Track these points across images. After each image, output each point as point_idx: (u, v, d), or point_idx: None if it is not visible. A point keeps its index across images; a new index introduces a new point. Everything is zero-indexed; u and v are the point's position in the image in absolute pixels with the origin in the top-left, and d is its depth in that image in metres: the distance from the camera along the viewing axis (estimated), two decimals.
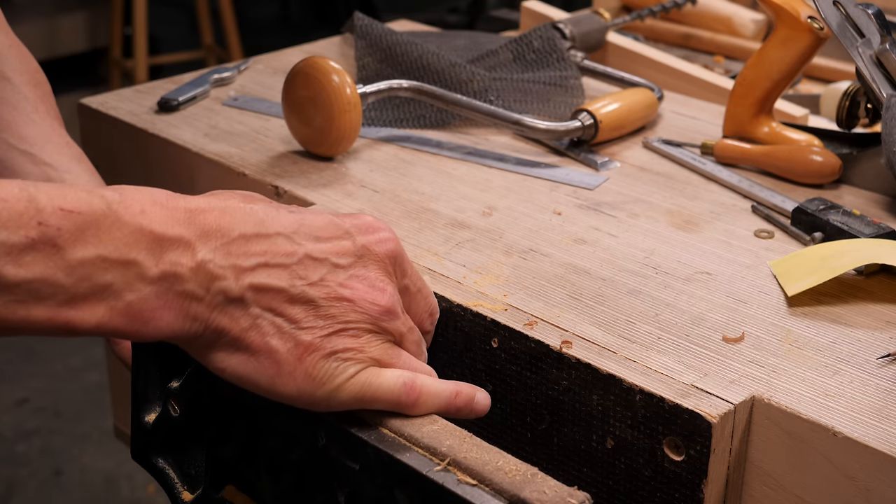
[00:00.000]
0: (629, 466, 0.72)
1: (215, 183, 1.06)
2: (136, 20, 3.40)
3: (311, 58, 1.03)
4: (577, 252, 0.88)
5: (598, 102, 1.10)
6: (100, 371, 2.62)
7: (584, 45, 1.30)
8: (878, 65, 0.98)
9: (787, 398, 0.69)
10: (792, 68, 1.04)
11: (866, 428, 0.66)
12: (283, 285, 0.62)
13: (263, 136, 1.11)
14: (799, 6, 1.02)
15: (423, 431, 0.63)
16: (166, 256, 0.59)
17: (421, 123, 1.15)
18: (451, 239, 0.90)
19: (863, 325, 0.78)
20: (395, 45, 1.22)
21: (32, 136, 0.93)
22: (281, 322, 0.62)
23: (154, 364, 0.78)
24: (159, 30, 4.27)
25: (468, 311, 0.78)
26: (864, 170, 1.01)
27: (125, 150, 1.16)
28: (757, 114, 1.07)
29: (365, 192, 0.99)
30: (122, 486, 2.30)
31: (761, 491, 0.71)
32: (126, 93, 1.22)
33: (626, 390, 0.70)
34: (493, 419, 0.79)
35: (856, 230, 0.88)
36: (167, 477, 0.78)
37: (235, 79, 1.27)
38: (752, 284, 0.83)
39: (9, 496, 2.26)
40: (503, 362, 0.77)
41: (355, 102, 1.01)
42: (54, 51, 3.90)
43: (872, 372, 0.72)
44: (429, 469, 0.60)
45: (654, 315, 0.79)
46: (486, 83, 1.17)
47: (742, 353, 0.74)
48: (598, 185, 1.01)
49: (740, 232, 0.92)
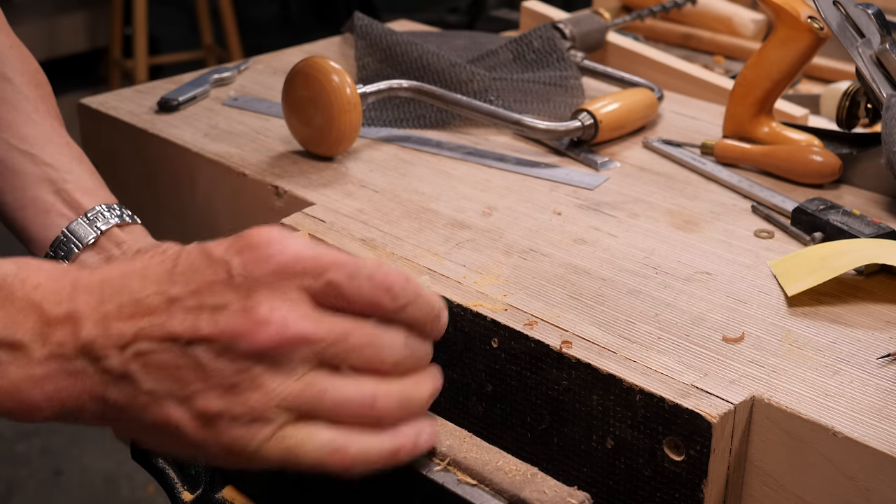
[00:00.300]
0: (629, 466, 0.72)
1: (215, 183, 1.06)
2: (136, 20, 3.40)
3: (311, 58, 1.03)
4: (577, 252, 0.88)
5: (598, 102, 1.10)
6: None
7: (584, 45, 1.30)
8: (878, 65, 0.98)
9: (787, 398, 0.69)
10: (792, 68, 1.04)
11: (866, 428, 0.66)
12: (164, 350, 0.56)
13: (263, 136, 1.11)
14: (799, 6, 1.03)
15: None
16: (53, 336, 0.56)
17: (421, 123, 1.15)
18: (451, 239, 0.90)
19: (863, 325, 0.78)
20: (395, 45, 1.22)
21: (33, 136, 0.93)
22: (176, 391, 0.56)
23: None
24: (159, 30, 4.27)
25: (468, 311, 0.78)
26: (864, 170, 1.01)
27: (125, 150, 1.16)
28: (757, 114, 1.07)
29: (365, 192, 0.99)
30: (122, 486, 2.30)
31: (761, 491, 0.71)
32: (126, 93, 1.22)
33: (626, 390, 0.70)
34: (493, 419, 0.79)
35: (856, 230, 0.88)
36: (167, 477, 0.78)
37: (235, 79, 1.27)
38: (752, 284, 0.83)
39: (9, 496, 2.26)
40: (503, 362, 0.77)
41: (355, 102, 1.01)
42: (54, 51, 3.90)
43: (872, 372, 0.72)
44: (429, 469, 0.60)
45: (654, 315, 0.79)
46: (486, 83, 1.17)
47: (742, 353, 0.74)
48: (598, 185, 1.01)
49: (740, 232, 0.92)
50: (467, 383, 0.80)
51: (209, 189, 1.07)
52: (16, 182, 0.92)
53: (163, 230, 1.08)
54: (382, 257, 0.86)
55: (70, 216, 0.91)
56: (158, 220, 1.12)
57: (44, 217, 0.92)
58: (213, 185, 1.06)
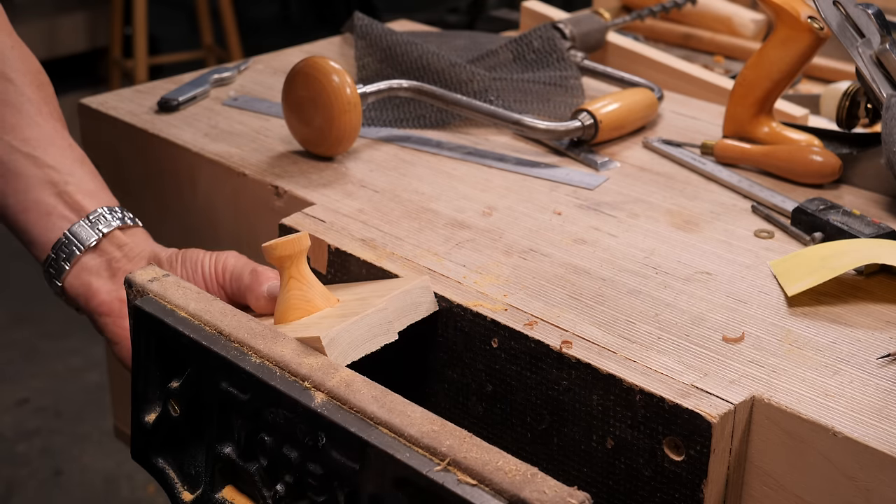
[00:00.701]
0: (629, 466, 0.72)
1: (215, 183, 1.06)
2: (136, 20, 3.40)
3: (311, 58, 1.03)
4: (577, 252, 0.88)
5: (598, 102, 1.10)
6: (100, 371, 2.62)
7: (584, 45, 1.30)
8: (878, 65, 0.98)
9: (787, 398, 0.69)
10: (792, 68, 1.04)
11: (866, 428, 0.66)
12: None
13: (263, 136, 1.11)
14: (799, 6, 1.02)
15: (423, 431, 0.63)
16: None
17: (421, 123, 1.15)
18: (451, 239, 0.90)
19: (863, 325, 0.78)
20: (395, 45, 1.22)
21: (35, 138, 0.93)
22: None
23: (154, 364, 0.78)
24: (159, 30, 4.27)
25: (468, 311, 0.78)
26: (864, 170, 1.01)
27: (125, 150, 1.16)
28: (757, 114, 1.07)
29: (365, 192, 0.99)
30: (122, 486, 2.30)
31: (761, 491, 0.71)
32: (126, 93, 1.22)
33: (626, 390, 0.70)
34: (493, 419, 0.79)
35: (856, 230, 0.88)
36: (167, 477, 0.78)
37: (235, 79, 1.27)
38: (752, 284, 0.83)
39: (9, 496, 2.27)
40: (503, 362, 0.77)
41: (355, 102, 1.01)
42: (54, 51, 3.90)
43: (872, 372, 0.72)
44: (429, 469, 0.60)
45: (654, 315, 0.79)
46: (486, 83, 1.17)
47: (742, 353, 0.74)
48: (598, 185, 1.01)
49: (740, 232, 0.92)
50: (467, 383, 0.80)
51: (209, 189, 1.07)
52: (18, 185, 0.92)
53: (163, 230, 1.08)
54: (382, 257, 0.86)
55: (72, 218, 0.91)
56: (159, 221, 1.12)
57: (45, 219, 0.92)
58: (213, 185, 1.06)
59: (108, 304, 0.91)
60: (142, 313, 0.77)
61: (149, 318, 0.76)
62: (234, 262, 0.88)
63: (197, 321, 0.74)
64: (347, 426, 0.64)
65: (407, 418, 0.64)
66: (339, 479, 0.66)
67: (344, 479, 0.65)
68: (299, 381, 0.68)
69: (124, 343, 0.90)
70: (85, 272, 0.91)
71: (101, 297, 0.91)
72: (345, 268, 0.87)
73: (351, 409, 0.65)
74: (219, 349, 0.72)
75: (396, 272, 0.84)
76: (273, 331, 0.73)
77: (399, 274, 0.84)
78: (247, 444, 0.71)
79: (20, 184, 0.92)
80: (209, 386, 0.73)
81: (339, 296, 0.80)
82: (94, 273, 0.91)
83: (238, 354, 0.71)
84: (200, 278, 0.88)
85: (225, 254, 0.89)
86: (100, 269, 0.91)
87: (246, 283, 0.85)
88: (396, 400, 0.65)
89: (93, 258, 0.91)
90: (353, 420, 0.65)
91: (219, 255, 0.89)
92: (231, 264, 0.87)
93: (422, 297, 0.79)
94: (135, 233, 0.93)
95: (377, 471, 0.63)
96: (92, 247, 0.90)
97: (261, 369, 0.70)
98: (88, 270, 0.91)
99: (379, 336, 0.75)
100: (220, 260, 0.88)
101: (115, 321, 0.91)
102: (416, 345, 0.81)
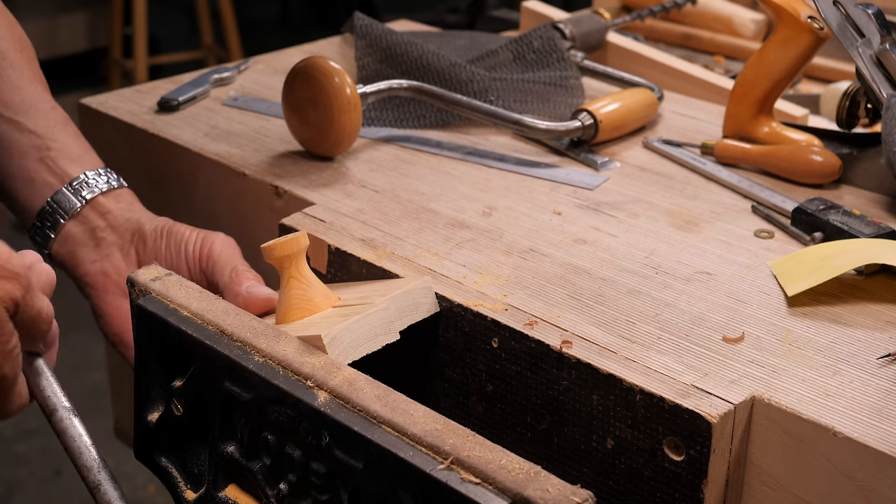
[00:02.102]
0: (629, 466, 0.72)
1: (215, 183, 1.06)
2: (136, 20, 3.40)
3: (311, 58, 1.03)
4: (577, 252, 0.88)
5: (598, 102, 1.10)
6: (100, 370, 2.62)
7: (584, 45, 1.30)
8: (878, 65, 0.98)
9: (787, 398, 0.69)
10: (792, 68, 1.04)
11: (866, 428, 0.66)
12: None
13: (263, 136, 1.11)
14: (799, 6, 1.03)
15: (426, 430, 0.63)
16: None
17: (421, 123, 1.15)
18: (452, 239, 0.90)
19: (863, 325, 0.78)
20: (395, 45, 1.22)
21: (17, 102, 0.93)
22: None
23: (157, 363, 0.78)
24: (159, 30, 4.27)
25: (468, 311, 0.78)
26: (864, 170, 1.01)
27: (125, 150, 1.16)
28: (757, 114, 1.07)
29: (365, 192, 0.99)
30: (122, 486, 2.30)
31: (761, 491, 0.71)
32: (126, 93, 1.22)
33: (626, 390, 0.70)
34: (493, 419, 0.79)
35: (856, 230, 0.88)
36: (170, 476, 0.78)
37: (235, 79, 1.27)
38: (752, 284, 0.83)
39: (9, 496, 2.27)
40: (503, 362, 0.77)
41: (355, 102, 1.01)
42: (54, 51, 3.90)
43: (872, 372, 0.72)
44: (432, 467, 0.61)
45: (654, 315, 0.79)
46: (486, 83, 1.17)
47: (742, 353, 0.74)
48: (598, 185, 1.01)
49: (740, 232, 0.92)
50: (467, 383, 0.80)
51: (209, 189, 1.07)
52: (1, 151, 0.92)
53: None
54: (382, 257, 0.86)
55: (55, 185, 0.90)
56: None
57: (29, 186, 0.91)
58: (213, 185, 1.06)
59: (93, 276, 0.91)
60: (144, 312, 0.77)
61: (151, 318, 0.77)
62: (219, 250, 0.87)
63: (199, 320, 0.75)
64: (350, 425, 0.64)
65: (410, 417, 0.64)
66: (343, 477, 0.66)
67: (347, 477, 0.66)
68: (302, 379, 0.68)
69: (107, 318, 0.90)
70: (69, 241, 0.91)
71: (85, 266, 0.91)
72: (345, 268, 0.88)
73: (354, 407, 0.65)
74: (221, 348, 0.72)
75: (396, 272, 0.84)
76: (275, 330, 0.73)
77: (399, 274, 0.84)
78: (250, 443, 0.72)
79: (3, 151, 0.92)
80: (212, 385, 0.73)
81: (340, 295, 0.80)
82: (79, 242, 0.91)
83: (241, 353, 0.71)
84: (182, 258, 0.88)
85: (212, 236, 0.88)
86: (84, 238, 0.91)
87: (225, 281, 0.85)
88: (399, 399, 0.66)
89: (76, 226, 0.90)
90: (356, 419, 0.65)
91: (206, 236, 0.88)
92: (216, 252, 0.87)
93: (423, 297, 0.79)
94: (120, 197, 0.92)
95: (380, 469, 0.63)
96: (75, 215, 0.90)
97: (264, 368, 0.70)
98: (73, 239, 0.91)
99: (380, 335, 0.75)
100: (207, 244, 0.87)
101: (98, 295, 0.91)
102: (417, 345, 0.81)
